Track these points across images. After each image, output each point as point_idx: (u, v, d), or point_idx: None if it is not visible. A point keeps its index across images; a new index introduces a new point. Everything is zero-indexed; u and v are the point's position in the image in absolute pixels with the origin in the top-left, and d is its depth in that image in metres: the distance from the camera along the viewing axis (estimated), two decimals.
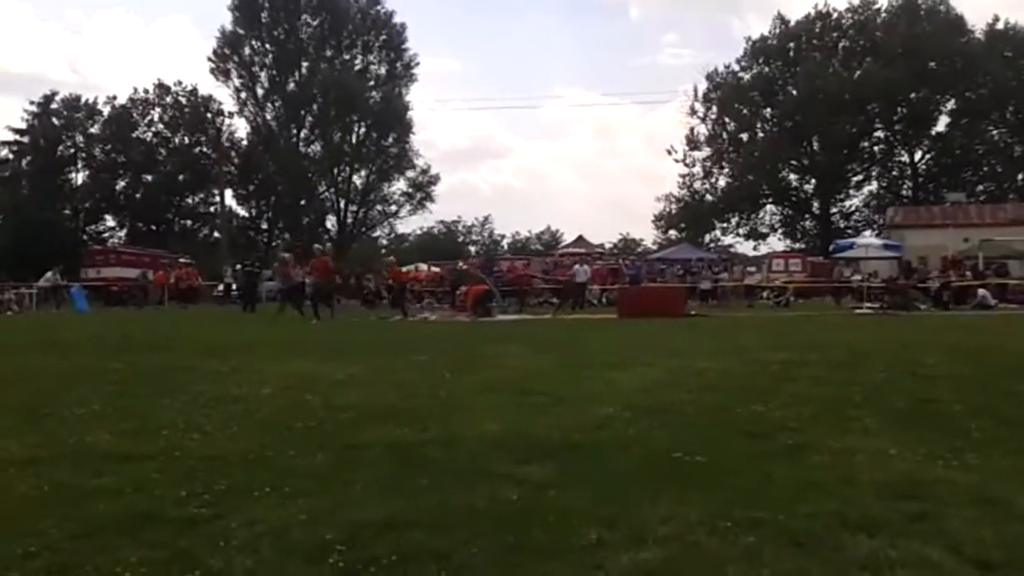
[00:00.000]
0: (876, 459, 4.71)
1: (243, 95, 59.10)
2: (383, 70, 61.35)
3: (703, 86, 56.64)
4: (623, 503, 3.76)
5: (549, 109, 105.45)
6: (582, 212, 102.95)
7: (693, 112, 56.45)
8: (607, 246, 59.53)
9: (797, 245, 54.74)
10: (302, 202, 59.35)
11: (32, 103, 57.48)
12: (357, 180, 61.33)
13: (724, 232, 58.55)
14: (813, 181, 56.56)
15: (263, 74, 59.34)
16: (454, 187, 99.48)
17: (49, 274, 31.63)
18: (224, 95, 60.06)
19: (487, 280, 26.44)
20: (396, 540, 3.21)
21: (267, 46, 58.94)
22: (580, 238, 49.93)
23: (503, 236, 76.92)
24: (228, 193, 58.36)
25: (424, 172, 62.12)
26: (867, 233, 45.16)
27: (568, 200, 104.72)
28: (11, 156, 58.09)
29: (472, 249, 68.62)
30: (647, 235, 69.87)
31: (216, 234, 60.09)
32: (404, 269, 40.82)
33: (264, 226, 63.15)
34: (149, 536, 3.30)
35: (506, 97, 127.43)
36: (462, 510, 3.63)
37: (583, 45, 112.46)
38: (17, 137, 56.95)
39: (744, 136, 56.51)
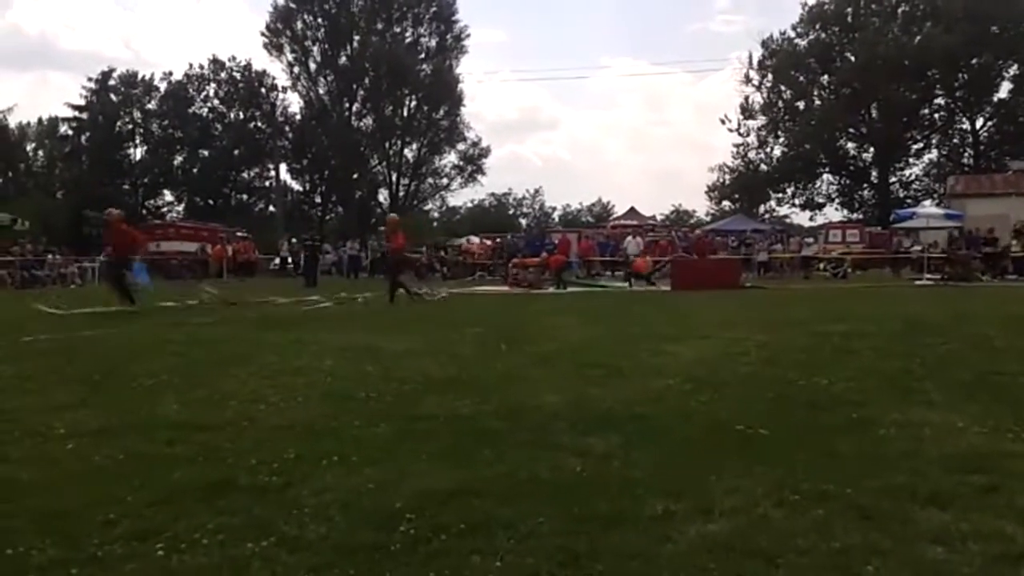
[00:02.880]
0: (942, 432, 4.64)
1: (296, 69, 59.48)
2: (433, 42, 61.22)
3: (758, 53, 55.51)
4: (688, 475, 3.76)
5: (598, 79, 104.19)
6: (633, 183, 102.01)
7: (748, 80, 55.33)
8: (659, 218, 59.00)
9: (855, 215, 53.59)
10: (355, 175, 59.78)
11: (90, 80, 58.59)
12: (408, 153, 61.55)
13: (779, 203, 57.53)
14: (871, 150, 55.17)
15: (315, 48, 59.60)
16: (503, 159, 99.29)
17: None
18: (277, 70, 60.62)
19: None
20: (463, 509, 3.25)
21: (319, 20, 59.13)
22: (632, 210, 49.51)
23: (554, 208, 76.71)
24: (283, 167, 59.16)
25: (475, 145, 62.16)
26: (927, 203, 43.95)
27: (618, 171, 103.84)
28: (71, 132, 59.38)
29: (523, 222, 68.55)
30: (700, 206, 69.11)
31: (271, 208, 60.98)
32: (458, 241, 41.05)
33: (318, 200, 63.80)
34: (223, 503, 3.39)
35: (554, 68, 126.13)
36: (526, 480, 3.66)
37: (632, 13, 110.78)
38: (76, 114, 58.14)
39: (800, 104, 55.22)
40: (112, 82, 59.10)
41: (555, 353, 8.20)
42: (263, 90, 60.51)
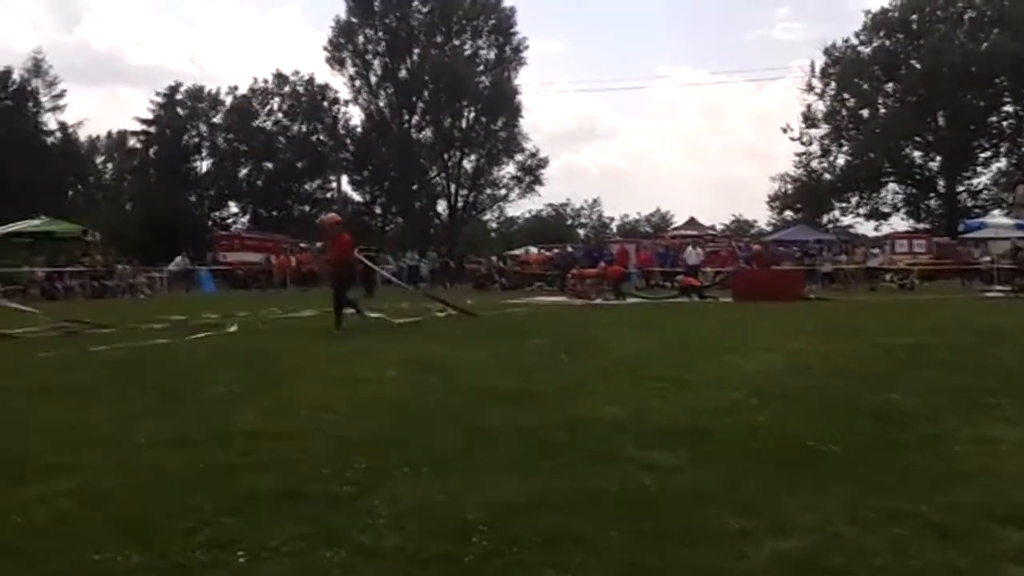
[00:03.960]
0: (1019, 448, 4.53)
1: (357, 83, 60.41)
2: (492, 55, 61.64)
3: (820, 61, 54.75)
4: (758, 491, 3.74)
5: (656, 88, 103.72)
6: (692, 193, 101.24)
7: (810, 88, 54.57)
8: (718, 228, 58.38)
9: (921, 225, 52.36)
10: (414, 187, 60.41)
11: (158, 94, 60.23)
12: (467, 164, 61.99)
13: (843, 212, 56.48)
14: (938, 158, 53.91)
15: (376, 62, 60.50)
16: (561, 169, 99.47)
17: (179, 259, 33.27)
18: (339, 83, 61.62)
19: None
20: (534, 522, 3.27)
21: (380, 34, 60.01)
22: (692, 220, 49.13)
23: (611, 218, 76.44)
24: (344, 179, 60.09)
25: (533, 155, 62.34)
26: (995, 212, 42.73)
27: (677, 181, 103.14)
28: (139, 145, 61.13)
29: (580, 232, 68.44)
30: (761, 216, 68.16)
31: None
32: (516, 252, 41.11)
33: (378, 211, 64.56)
34: (298, 512, 3.46)
35: (611, 78, 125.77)
36: (595, 494, 3.67)
37: (691, 22, 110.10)
38: (144, 127, 59.84)
39: (865, 112, 54.25)
40: (179, 96, 60.65)
41: (617, 365, 8.19)
42: (325, 103, 61.57)
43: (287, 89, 61.56)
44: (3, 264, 28.88)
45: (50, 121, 56.20)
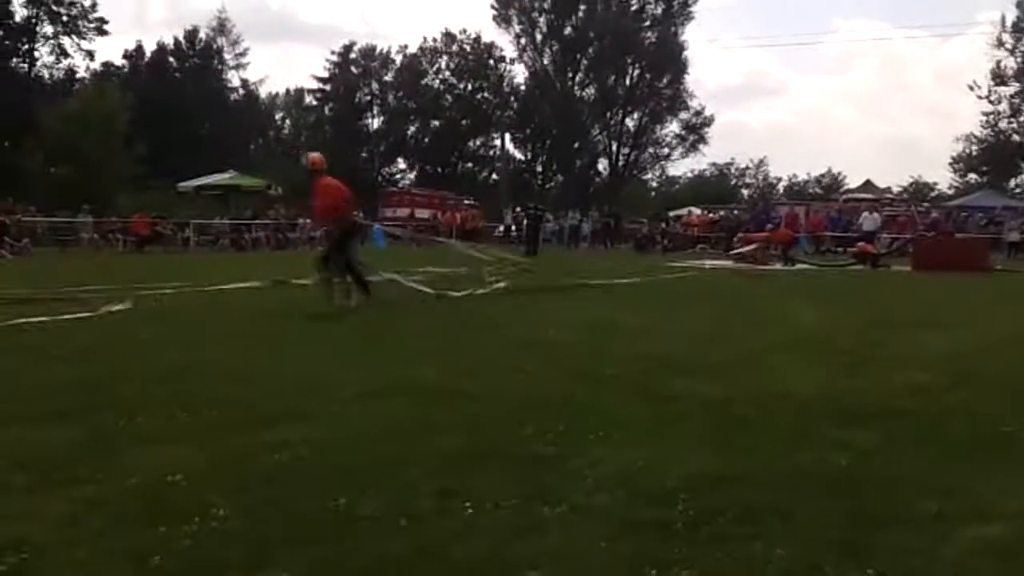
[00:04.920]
0: None
1: (522, 40, 60.85)
2: (659, 10, 60.49)
3: (1012, 15, 50.53)
4: (957, 475, 3.73)
5: (828, 43, 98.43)
6: (866, 153, 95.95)
7: (1000, 44, 50.52)
8: (895, 191, 55.37)
9: None
10: (575, 145, 60.45)
11: (333, 53, 62.76)
12: (630, 122, 61.48)
13: None
14: None
15: (541, 19, 60.61)
16: (724, 127, 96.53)
17: (356, 214, 34.75)
18: (505, 41, 62.19)
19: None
20: (734, 494, 3.41)
21: None
22: (867, 183, 46.81)
23: (779, 179, 73.83)
24: (507, 137, 60.87)
25: (698, 113, 61.09)
26: None
27: (850, 140, 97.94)
28: (316, 103, 64.05)
29: (745, 193, 66.57)
30: (941, 179, 64.08)
31: (494, 176, 62.97)
32: (678, 213, 40.47)
33: (539, 169, 65.09)
34: (510, 470, 3.74)
35: (780, 32, 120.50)
36: (791, 470, 3.77)
37: None
38: (320, 85, 62.58)
39: None
40: (353, 55, 62.92)
41: (795, 338, 8.13)
42: (491, 61, 62.37)
43: (455, 48, 62.73)
44: (196, 216, 31.15)
45: (233, 79, 59.64)
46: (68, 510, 3.24)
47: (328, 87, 62.51)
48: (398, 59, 63.05)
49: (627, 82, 60.43)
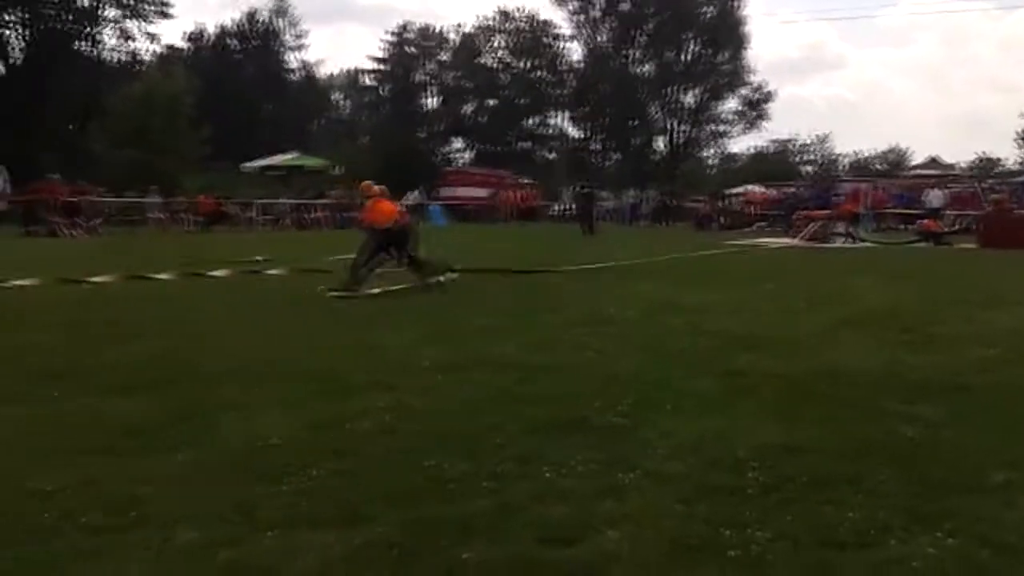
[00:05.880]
0: None
1: (579, 18, 60.42)
2: None
3: None
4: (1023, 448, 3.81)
5: (890, 15, 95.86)
6: (931, 128, 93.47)
7: None
8: (961, 166, 53.95)
9: None
10: (633, 123, 60.05)
11: (389, 33, 63.17)
12: (688, 99, 60.76)
13: None
14: None
15: None
16: (784, 102, 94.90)
17: (415, 193, 35.23)
18: (561, 18, 61.89)
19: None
20: (804, 463, 3.53)
21: None
22: (933, 159, 45.72)
23: (842, 155, 72.33)
24: (563, 115, 60.74)
25: (758, 89, 60.10)
26: None
27: (914, 115, 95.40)
28: (373, 83, 64.59)
29: (807, 169, 65.43)
30: (1009, 154, 62.17)
31: (551, 155, 62.92)
32: (737, 190, 39.97)
33: (596, 147, 64.80)
34: (584, 438, 3.91)
35: (841, 4, 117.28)
36: (859, 442, 3.86)
37: None
38: (377, 66, 63.12)
39: None
40: (408, 35, 63.24)
41: (860, 315, 8.13)
42: (547, 39, 62.11)
43: (510, 26, 62.60)
44: (259, 195, 31.80)
45: (292, 60, 60.42)
46: (174, 471, 3.50)
47: (384, 67, 62.96)
48: (454, 38, 63.26)
49: (685, 58, 59.68)
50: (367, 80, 65.05)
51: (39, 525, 2.90)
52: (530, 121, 63.80)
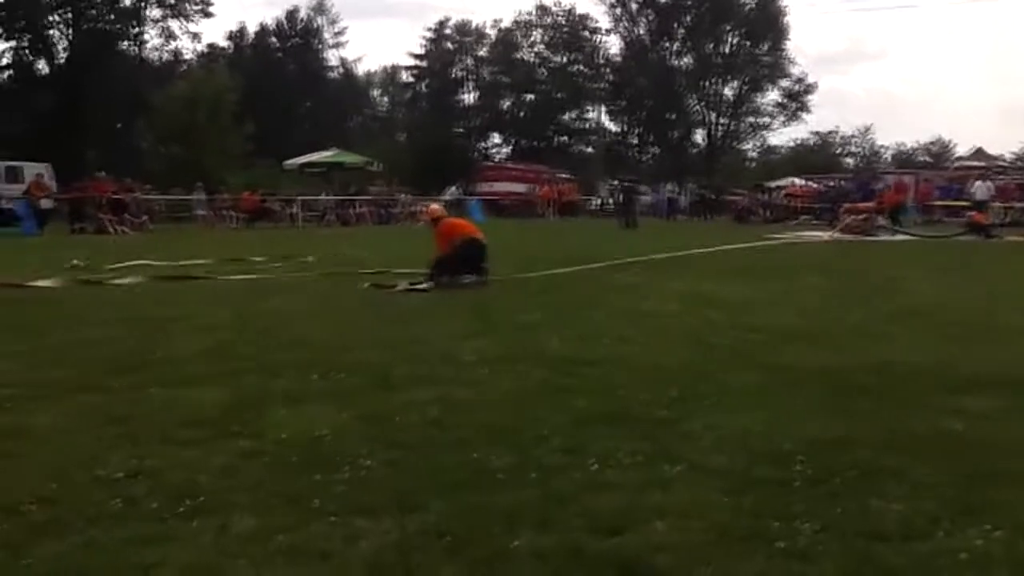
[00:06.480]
0: None
1: (617, 11, 60.24)
2: None
3: None
4: None
5: (932, 5, 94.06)
6: (976, 119, 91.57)
7: None
8: (1008, 158, 52.85)
9: None
10: (671, 116, 59.73)
11: (428, 29, 63.43)
12: (728, 91, 60.38)
13: None
14: None
15: None
16: (825, 94, 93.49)
17: (453, 188, 35.45)
18: (599, 12, 61.75)
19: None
20: (850, 456, 3.54)
21: None
22: (979, 151, 44.85)
23: (884, 147, 71.29)
24: (601, 109, 60.59)
25: (799, 80, 59.51)
26: None
27: (958, 106, 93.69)
28: (411, 79, 64.89)
29: (849, 162, 64.62)
30: None
31: (589, 149, 62.79)
32: (779, 183, 39.50)
33: (634, 141, 64.56)
34: (629, 431, 3.94)
35: None
36: (906, 435, 3.86)
37: None
38: (416, 62, 63.38)
39: None
40: (447, 31, 63.45)
41: (906, 308, 8.06)
42: (585, 33, 61.99)
43: (548, 20, 62.55)
44: (301, 192, 32.15)
45: (332, 57, 60.96)
46: (229, 461, 3.60)
47: (423, 63, 63.23)
48: (492, 33, 63.35)
49: (725, 50, 59.28)
50: (406, 76, 65.42)
51: (107, 511, 3.01)
52: (567, 115, 63.70)
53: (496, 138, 65.25)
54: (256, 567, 2.61)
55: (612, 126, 64.10)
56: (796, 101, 59.76)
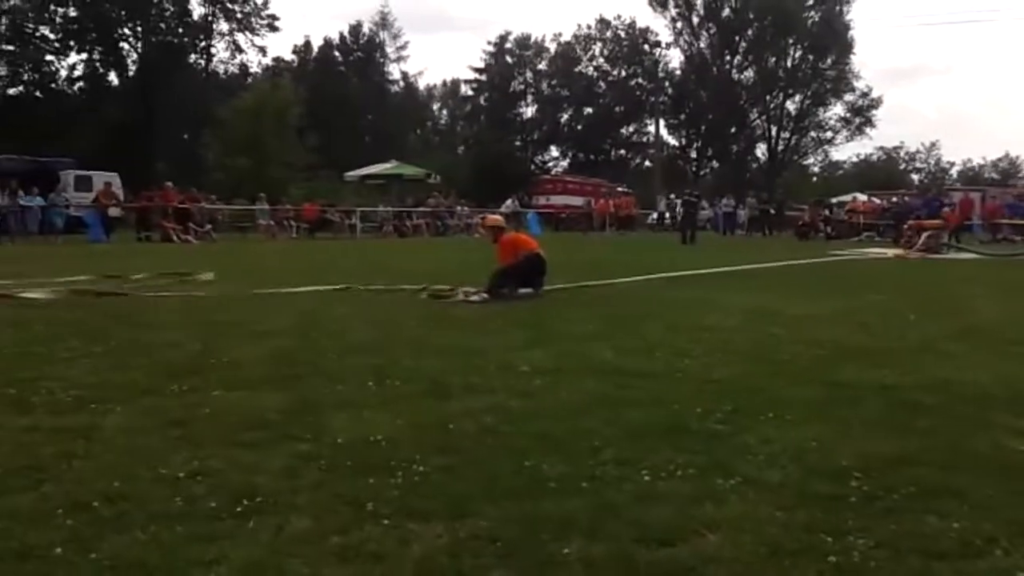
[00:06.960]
0: None
1: (679, 24, 60.06)
2: None
3: None
4: None
5: (1003, 20, 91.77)
6: None
7: None
8: None
9: None
10: (732, 130, 59.23)
11: (489, 43, 63.98)
12: (791, 105, 59.70)
13: None
14: None
15: (699, 1, 59.61)
16: (890, 110, 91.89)
17: (510, 201, 35.57)
18: (660, 26, 61.65)
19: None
20: (908, 474, 3.48)
21: None
22: None
23: (951, 164, 69.72)
24: (660, 123, 60.33)
25: (864, 95, 58.55)
26: None
27: None
28: (471, 93, 65.52)
29: (915, 178, 63.34)
30: None
31: (648, 163, 62.56)
32: (843, 199, 38.74)
33: (693, 155, 64.14)
34: (683, 444, 3.92)
35: (950, 8, 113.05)
36: (966, 455, 3.78)
37: None
38: (476, 76, 63.96)
39: None
40: (508, 45, 63.94)
41: (972, 327, 7.87)
42: (646, 47, 61.97)
43: (608, 34, 62.65)
44: (360, 204, 32.62)
45: (394, 71, 61.83)
46: (288, 464, 3.67)
47: (484, 77, 63.78)
48: (552, 47, 63.67)
49: (788, 64, 58.65)
50: (466, 90, 66.09)
51: (169, 509, 3.11)
52: (626, 128, 63.63)
53: (554, 151, 65.67)
54: (310, 566, 2.67)
55: (671, 140, 63.87)
56: (861, 116, 58.85)
